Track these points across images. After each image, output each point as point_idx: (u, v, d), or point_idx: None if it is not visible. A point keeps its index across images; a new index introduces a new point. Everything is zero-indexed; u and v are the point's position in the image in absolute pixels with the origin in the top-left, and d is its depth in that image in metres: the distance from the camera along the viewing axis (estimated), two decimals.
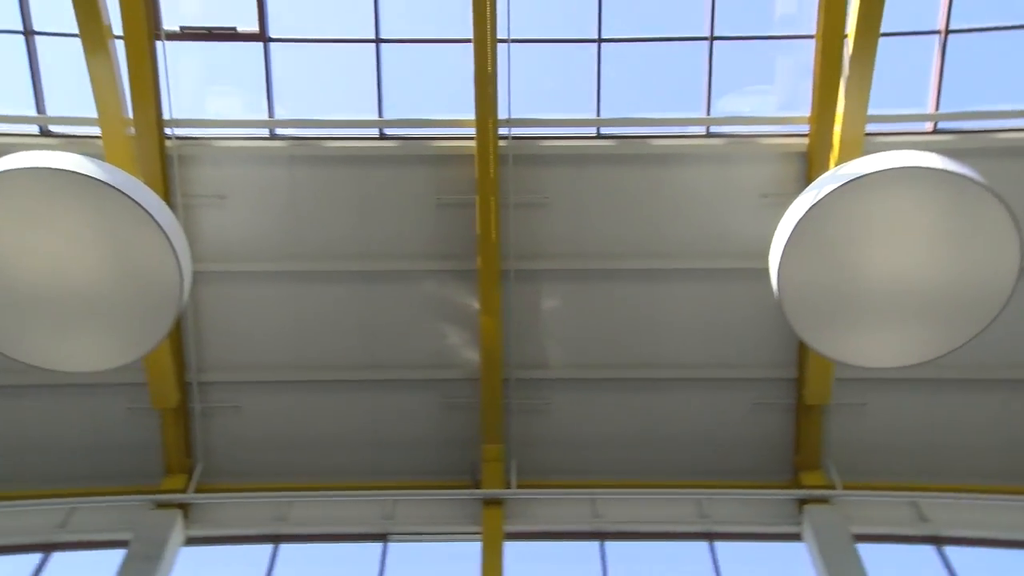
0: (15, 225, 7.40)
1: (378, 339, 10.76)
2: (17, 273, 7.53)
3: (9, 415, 10.51)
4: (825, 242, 7.70)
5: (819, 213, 7.56)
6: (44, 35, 9.76)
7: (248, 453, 10.92)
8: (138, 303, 7.79)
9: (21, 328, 7.75)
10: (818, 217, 7.58)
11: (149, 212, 7.40)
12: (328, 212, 10.38)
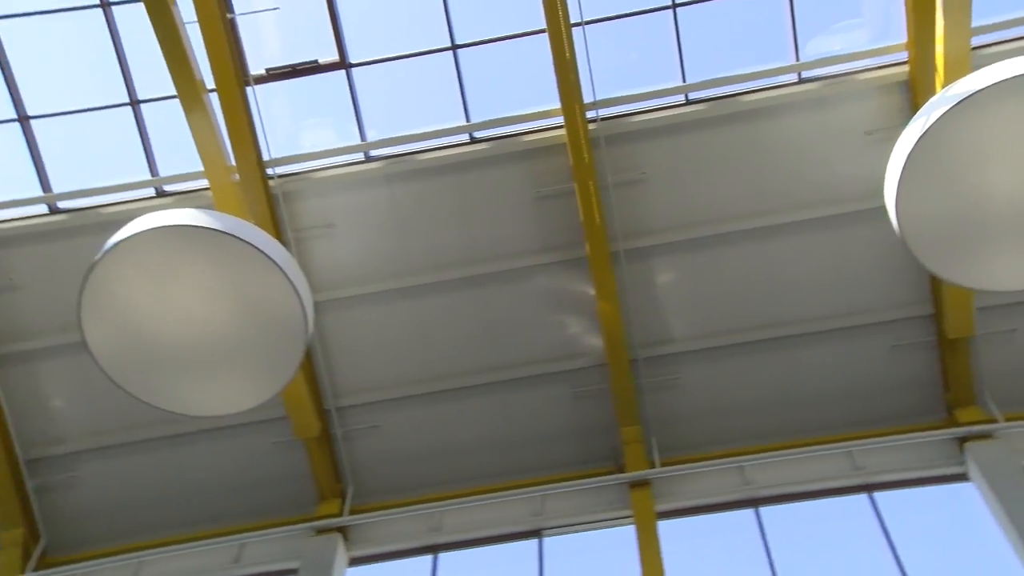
0: (149, 284, 7.74)
1: (500, 340, 10.84)
2: (156, 329, 7.87)
3: (171, 463, 11.01)
4: (942, 169, 7.37)
5: (931, 140, 7.24)
6: (147, 102, 10.20)
7: (394, 469, 11.16)
8: (268, 342, 8.04)
9: (167, 381, 8.10)
10: (931, 145, 7.26)
11: (264, 252, 7.64)
12: (432, 223, 10.51)
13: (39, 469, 10.89)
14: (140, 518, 11.06)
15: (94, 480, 10.98)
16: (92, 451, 10.89)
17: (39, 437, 10.84)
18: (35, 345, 10.56)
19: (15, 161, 10.36)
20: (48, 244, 10.38)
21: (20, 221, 10.37)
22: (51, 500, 10.97)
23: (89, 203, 10.44)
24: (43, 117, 10.20)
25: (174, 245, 7.62)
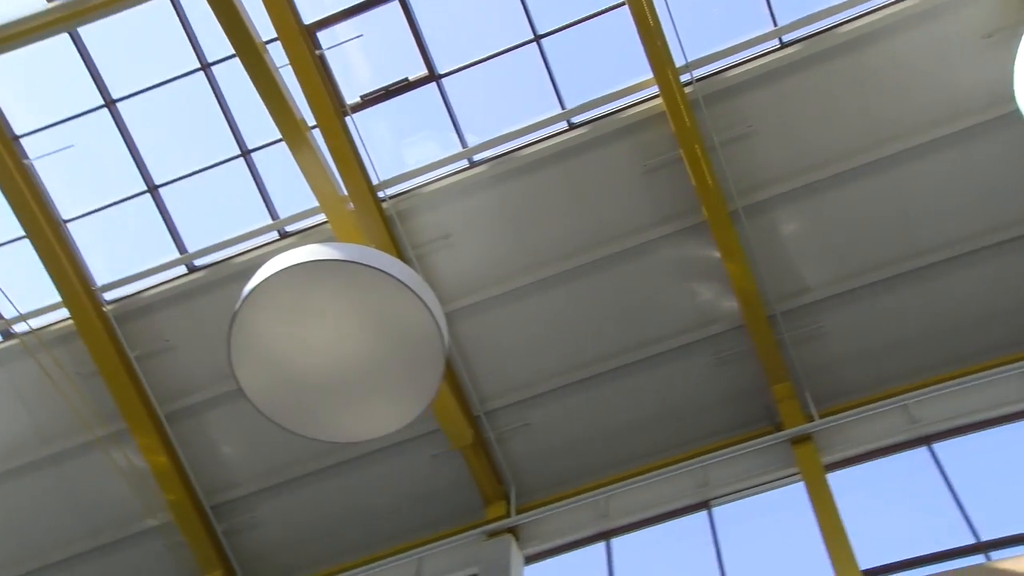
0: (288, 323, 8.04)
1: (634, 318, 10.78)
2: (302, 364, 8.17)
3: (339, 490, 11.41)
4: None
5: None
6: (256, 150, 10.63)
7: (552, 463, 11.25)
8: (408, 360, 8.23)
9: (320, 412, 8.40)
10: None
11: (389, 273, 7.83)
12: (546, 215, 10.55)
13: (224, 513, 11.46)
14: (321, 546, 11.51)
15: (274, 516, 11.49)
16: (267, 490, 11.40)
17: (218, 483, 11.42)
18: (198, 398, 11.12)
19: (148, 229, 10.95)
20: (192, 301, 10.92)
21: (165, 285, 10.94)
22: (240, 540, 11.54)
23: (222, 256, 10.91)
24: (169, 184, 10.74)
25: (304, 281, 7.89)
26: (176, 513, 11.07)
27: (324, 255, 7.82)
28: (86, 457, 11.23)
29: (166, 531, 11.32)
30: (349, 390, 8.30)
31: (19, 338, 10.91)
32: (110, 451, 11.10)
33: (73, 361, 10.93)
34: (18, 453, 11.22)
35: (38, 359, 10.74)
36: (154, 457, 10.94)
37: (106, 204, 10.80)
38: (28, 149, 10.46)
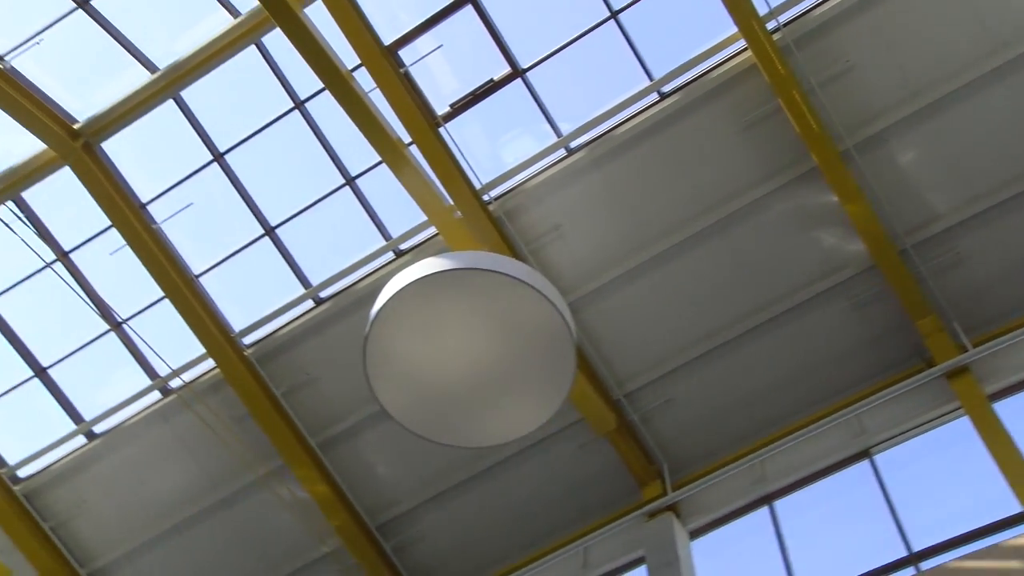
0: (417, 337, 8.19)
1: (760, 276, 10.55)
2: (438, 375, 8.30)
3: (495, 493, 11.54)
4: None
5: None
6: (360, 176, 10.89)
7: (700, 434, 11.11)
8: (540, 355, 8.26)
9: (462, 419, 8.53)
10: None
11: (507, 274, 7.89)
12: (652, 189, 10.44)
13: (390, 531, 11.78)
14: (487, 550, 11.67)
15: (437, 527, 11.73)
16: (426, 502, 11.65)
17: (380, 503, 11.74)
18: (346, 424, 11.47)
19: (271, 269, 11.38)
20: (324, 332, 11.27)
21: (296, 321, 11.33)
22: (409, 555, 11.82)
23: (344, 284, 11.22)
24: (284, 223, 11.12)
25: (426, 295, 8.03)
26: (344, 537, 11.44)
27: (441, 267, 7.94)
28: (253, 496, 11.73)
29: (338, 556, 11.71)
30: (487, 394, 8.40)
31: (176, 393, 11.49)
32: (274, 487, 11.56)
33: (226, 407, 11.44)
34: (193, 501, 11.81)
35: (195, 410, 11.29)
36: (314, 487, 11.34)
37: (230, 253, 11.26)
38: (154, 214, 11.00)
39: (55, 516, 11.99)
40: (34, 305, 11.69)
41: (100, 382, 12.13)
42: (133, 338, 11.43)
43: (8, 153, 10.91)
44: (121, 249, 11.00)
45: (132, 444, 11.76)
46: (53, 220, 11.18)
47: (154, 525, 11.93)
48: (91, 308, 11.35)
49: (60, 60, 10.60)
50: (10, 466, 11.87)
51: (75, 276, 11.28)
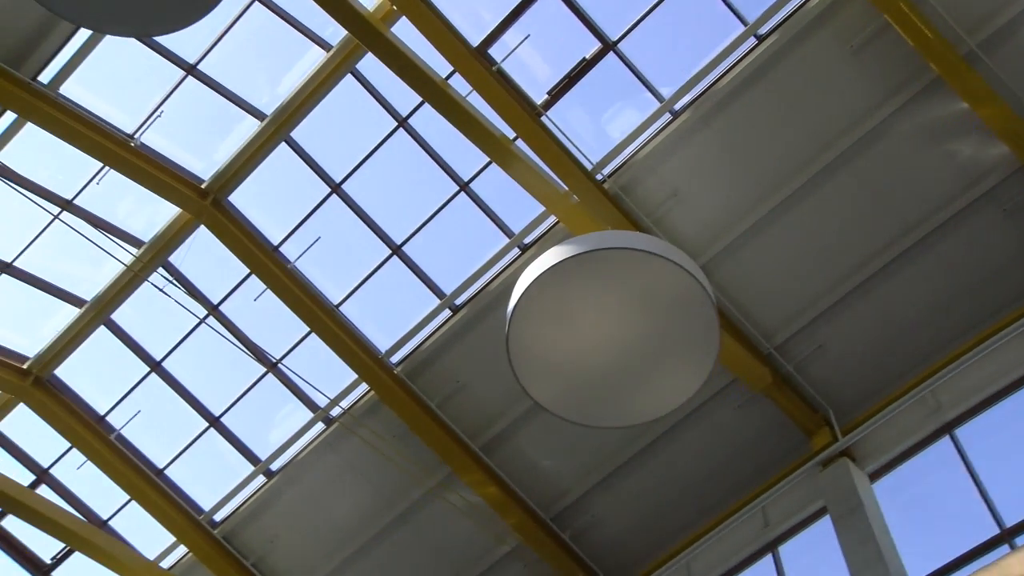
0: (558, 327, 8.23)
1: (894, 203, 10.10)
2: (585, 361, 8.32)
3: (661, 468, 11.45)
4: None
5: None
6: (472, 180, 11.02)
7: (861, 374, 10.72)
8: (682, 323, 8.17)
9: (615, 400, 8.51)
10: None
11: (635, 248, 7.83)
12: (767, 136, 10.15)
13: (565, 520, 11.86)
14: (664, 525, 11.59)
15: (611, 510, 11.74)
16: (595, 487, 11.67)
17: (550, 495, 11.84)
18: (504, 423, 11.62)
19: (404, 286, 11.65)
20: (466, 338, 11.46)
21: (437, 332, 11.56)
22: (588, 541, 11.88)
23: (476, 288, 11.38)
24: (409, 240, 11.37)
25: (559, 284, 8.05)
26: (522, 534, 11.60)
27: (568, 253, 7.94)
28: (428, 507, 12.04)
29: (520, 553, 11.88)
30: (635, 371, 8.36)
31: (337, 421, 11.92)
32: (446, 496, 11.83)
33: (386, 426, 11.78)
34: (373, 520, 12.22)
35: (358, 435, 11.68)
36: (484, 490, 11.54)
37: (363, 278, 11.60)
38: (287, 254, 11.44)
39: (253, 552, 12.62)
40: (197, 360, 12.36)
41: (267, 422, 12.73)
42: (289, 375, 11.92)
43: (150, 224, 11.61)
44: (263, 293, 11.49)
45: (307, 476, 12.26)
46: (199, 277, 11.81)
47: (342, 548, 12.40)
48: (247, 354, 11.90)
49: (179, 126, 11.19)
50: (206, 512, 12.56)
51: (227, 327, 11.85)
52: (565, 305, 8.19)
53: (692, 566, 10.80)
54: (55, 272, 11.75)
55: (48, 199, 11.09)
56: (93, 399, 12.35)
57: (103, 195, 11.32)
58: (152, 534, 12.67)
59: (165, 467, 12.52)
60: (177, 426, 12.45)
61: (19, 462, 12.58)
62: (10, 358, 11.95)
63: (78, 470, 12.47)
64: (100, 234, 11.12)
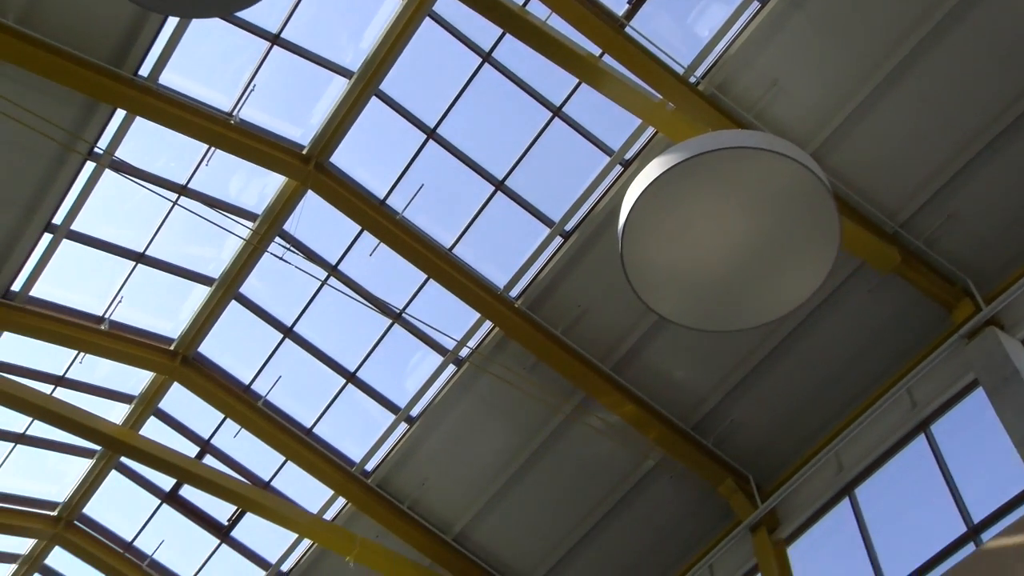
0: (672, 237, 8.16)
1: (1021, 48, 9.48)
2: (706, 268, 8.24)
3: (796, 363, 11.20)
4: None
5: None
6: (565, 103, 10.92)
7: (1001, 239, 10.10)
8: (799, 215, 7.98)
9: (741, 301, 8.42)
10: None
11: (740, 146, 7.65)
12: (864, 8, 9.64)
13: (706, 428, 11.84)
14: (809, 419, 11.40)
15: (749, 412, 11.63)
16: (732, 391, 11.58)
17: (687, 405, 11.83)
18: (631, 341, 11.62)
19: (512, 219, 11.70)
20: (581, 263, 11.47)
21: (552, 261, 11.60)
22: (731, 445, 11.84)
23: (584, 211, 11.33)
24: (510, 174, 11.40)
25: (667, 194, 7.95)
26: (665, 446, 11.68)
27: (671, 162, 7.82)
28: (568, 433, 12.23)
29: (665, 465, 11.97)
30: (756, 270, 8.23)
31: (467, 361, 12.17)
32: (584, 419, 11.98)
33: (516, 360, 11.96)
34: (517, 453, 12.50)
35: (490, 372, 11.90)
36: (621, 409, 11.63)
37: (472, 218, 11.69)
38: (394, 205, 11.62)
39: (407, 496, 13.12)
40: (325, 320, 12.79)
41: (401, 371, 13.11)
42: (415, 323, 12.21)
43: (261, 196, 11.97)
44: (377, 248, 11.75)
45: (447, 418, 12.61)
46: (314, 241, 12.15)
47: (492, 483, 12.75)
48: (371, 308, 12.24)
49: (273, 97, 11.43)
50: (358, 464, 13.10)
51: (348, 284, 12.19)
52: (676, 214, 8.10)
53: (842, 457, 10.66)
54: (183, 255, 12.31)
55: (165, 187, 11.56)
56: (237, 370, 12.98)
57: (214, 175, 11.75)
58: (311, 490, 13.35)
59: (312, 426, 13.08)
60: (317, 386, 12.97)
61: (183, 436, 13.38)
62: (158, 342, 12.63)
63: (235, 438, 13.19)
64: (217, 213, 11.55)
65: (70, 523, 14.12)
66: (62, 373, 12.76)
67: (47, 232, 11.52)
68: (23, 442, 13.43)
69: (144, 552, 14.35)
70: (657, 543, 12.40)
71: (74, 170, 11.07)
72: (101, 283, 12.36)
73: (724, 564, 11.48)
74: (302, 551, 13.87)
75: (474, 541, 13.13)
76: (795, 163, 7.70)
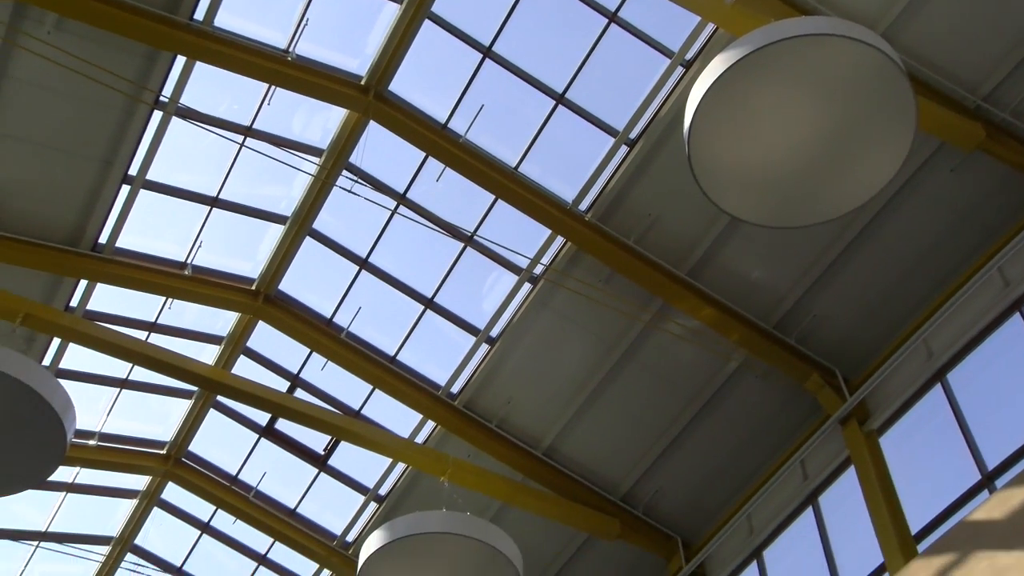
0: (741, 136, 8.01)
1: None
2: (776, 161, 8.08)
3: (879, 250, 10.95)
4: None
5: None
6: (621, 6, 10.70)
7: None
8: (870, 96, 7.74)
9: (817, 192, 8.25)
10: None
11: (803, 34, 7.41)
12: None
13: (787, 325, 11.70)
14: (896, 306, 11.14)
15: (832, 306, 11.46)
16: (811, 287, 11.40)
17: (767, 304, 11.71)
18: (706, 244, 11.49)
19: (576, 134, 11.55)
20: (648, 170, 11.33)
21: (619, 170, 11.47)
22: (815, 340, 11.69)
23: (648, 117, 11.14)
24: (570, 85, 11.25)
25: (732, 92, 7.76)
26: (747, 347, 11.61)
27: (734, 57, 7.62)
28: (649, 341, 12.24)
29: (750, 365, 11.91)
30: (828, 161, 8.04)
31: (543, 278, 12.21)
32: (663, 327, 11.97)
33: (590, 273, 11.96)
34: (599, 365, 12.57)
35: (566, 286, 11.94)
36: (701, 313, 11.57)
37: (535, 135, 11.58)
38: (456, 128, 11.58)
39: (494, 415, 13.35)
40: (398, 249, 12.92)
41: (477, 293, 13.22)
42: (487, 245, 12.26)
43: (325, 130, 12.04)
44: (443, 172, 11.76)
45: (526, 335, 12.72)
46: (380, 171, 12.21)
47: (576, 397, 12.88)
48: (442, 233, 12.32)
49: (326, 30, 11.38)
50: (443, 387, 13.36)
51: (418, 211, 12.27)
52: (742, 111, 7.91)
53: (931, 343, 10.43)
54: (255, 196, 12.53)
55: (231, 130, 11.71)
56: (317, 305, 13.26)
57: (276, 114, 11.84)
58: (400, 415, 13.68)
59: (396, 353, 13.34)
60: (396, 314, 13.18)
61: (273, 372, 13.80)
62: (239, 283, 12.97)
63: (322, 371, 13.55)
64: (283, 151, 11.68)
65: (178, 460, 14.80)
66: (153, 319, 13.23)
67: (125, 184, 11.81)
68: (127, 387, 14.03)
69: (249, 484, 14.98)
70: (745, 444, 12.43)
71: (143, 120, 11.27)
72: (180, 230, 12.69)
73: (815, 459, 11.46)
74: (397, 475, 14.29)
75: (563, 454, 13.35)
76: (865, 45, 7.42)
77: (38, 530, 15.36)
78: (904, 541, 9.44)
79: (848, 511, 10.68)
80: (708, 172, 8.20)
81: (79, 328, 12.03)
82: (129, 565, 15.87)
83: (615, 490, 13.32)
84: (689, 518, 13.16)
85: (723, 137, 8.05)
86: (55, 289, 12.43)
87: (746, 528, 12.15)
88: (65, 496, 15.16)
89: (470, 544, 10.12)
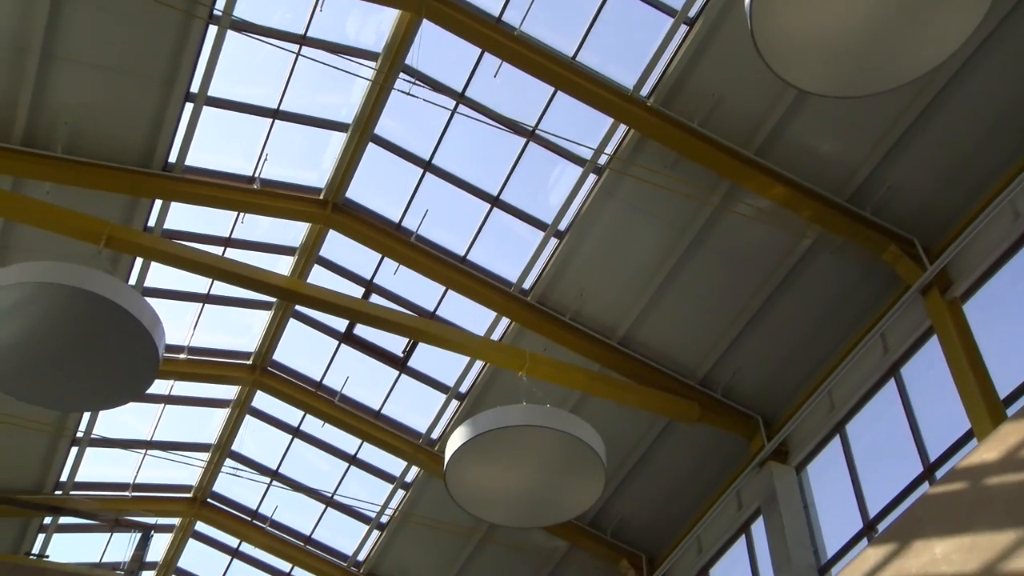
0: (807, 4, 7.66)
1: None
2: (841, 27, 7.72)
3: (962, 113, 10.53)
4: None
5: None
6: None
7: None
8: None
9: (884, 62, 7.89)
10: None
11: None
12: None
13: (861, 198, 11.37)
14: (979, 168, 10.63)
15: (907, 175, 11.06)
16: (887, 156, 10.99)
17: (837, 177, 11.38)
18: (772, 122, 11.17)
19: (633, 18, 11.22)
20: (709, 49, 10.98)
21: (679, 52, 11.15)
22: (890, 211, 11.34)
23: None
24: None
25: None
26: (821, 223, 11.39)
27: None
28: (720, 223, 12.09)
29: (824, 241, 11.70)
30: (897, 23, 7.64)
31: (608, 168, 12.08)
32: (733, 208, 11.80)
33: (656, 159, 11.78)
34: (670, 251, 12.50)
35: (632, 175, 11.80)
36: (771, 191, 11.35)
37: (590, 22, 11.29)
38: (510, 21, 11.31)
39: (568, 308, 13.44)
40: (461, 148, 12.89)
41: (543, 187, 13.16)
42: (549, 138, 12.14)
43: (379, 34, 11.94)
44: (501, 67, 11.59)
45: (595, 227, 12.67)
46: (438, 71, 12.10)
47: (649, 284, 12.86)
48: (504, 130, 12.23)
49: None
50: (515, 284, 13.46)
51: (478, 109, 12.17)
52: None
53: (1019, 204, 9.99)
54: (315, 105, 12.58)
55: (286, 39, 11.69)
56: (385, 210, 13.39)
57: (329, 20, 11.75)
58: (475, 314, 13.89)
59: (466, 253, 13.44)
60: (464, 214, 13.24)
61: (347, 279, 14.07)
62: (307, 193, 13.13)
63: (395, 275, 13.76)
64: (339, 58, 11.63)
65: (264, 369, 15.32)
66: (228, 235, 13.54)
67: (188, 102, 11.93)
68: (209, 301, 14.49)
69: (334, 389, 15.46)
70: (823, 321, 12.31)
71: (199, 37, 11.30)
72: (245, 144, 12.85)
73: (896, 331, 11.31)
74: (476, 372, 14.57)
75: (639, 341, 13.42)
76: None
77: (144, 439, 16.20)
78: (992, 406, 9.35)
79: (932, 381, 10.58)
80: (772, 45, 7.90)
81: (159, 247, 12.37)
82: (229, 470, 16.67)
83: (693, 374, 13.40)
84: (769, 398, 13.20)
85: (786, 7, 7.71)
86: (132, 210, 12.77)
87: (827, 404, 12.14)
88: (164, 408, 15.90)
89: (552, 435, 10.36)
